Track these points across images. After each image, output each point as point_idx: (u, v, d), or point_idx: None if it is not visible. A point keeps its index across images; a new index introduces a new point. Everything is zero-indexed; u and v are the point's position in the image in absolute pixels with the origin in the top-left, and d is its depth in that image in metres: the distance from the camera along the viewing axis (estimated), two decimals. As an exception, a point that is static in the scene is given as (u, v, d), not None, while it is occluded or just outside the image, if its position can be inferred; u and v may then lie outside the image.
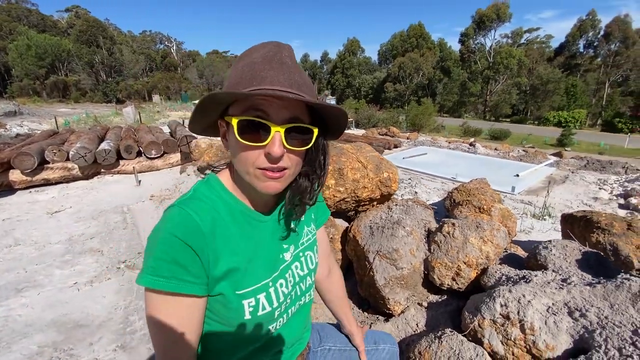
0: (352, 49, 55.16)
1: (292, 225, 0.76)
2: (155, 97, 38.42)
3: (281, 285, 0.71)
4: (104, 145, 5.89)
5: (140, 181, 5.66)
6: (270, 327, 0.70)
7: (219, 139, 0.67)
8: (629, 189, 6.92)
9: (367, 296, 2.04)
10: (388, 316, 1.91)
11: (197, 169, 5.13)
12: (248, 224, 0.68)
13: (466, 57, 43.14)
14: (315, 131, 0.61)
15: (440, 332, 1.54)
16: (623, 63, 36.07)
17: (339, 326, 1.06)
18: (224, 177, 0.69)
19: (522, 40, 44.41)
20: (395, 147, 11.07)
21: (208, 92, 0.57)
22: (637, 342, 1.09)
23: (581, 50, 41.49)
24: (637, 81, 35.22)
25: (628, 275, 1.23)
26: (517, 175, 7.62)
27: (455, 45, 46.51)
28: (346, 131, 16.67)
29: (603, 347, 1.13)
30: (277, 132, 0.56)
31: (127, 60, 46.64)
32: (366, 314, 2.08)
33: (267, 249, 0.70)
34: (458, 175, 6.82)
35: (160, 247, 0.56)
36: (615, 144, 19.82)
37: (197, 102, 0.59)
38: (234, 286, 0.63)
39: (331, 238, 2.22)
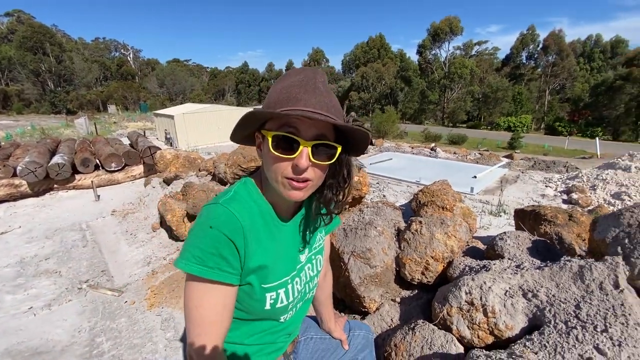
0: (316, 59, 56.18)
1: (309, 232, 0.87)
2: (111, 108, 36.33)
3: (297, 283, 0.83)
4: (56, 159, 5.49)
5: (99, 196, 5.34)
6: (282, 318, 0.82)
7: (183, 150, 0.75)
8: (570, 185, 7.68)
9: (343, 297, 2.11)
10: (364, 314, 1.99)
11: (163, 181, 4.95)
12: (274, 227, 0.77)
13: (424, 67, 45.59)
14: (339, 148, 0.69)
15: (413, 323, 1.64)
16: (559, 73, 40.08)
17: (318, 322, 1.14)
18: (257, 182, 0.77)
19: (473, 52, 47.88)
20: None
21: (251, 109, 0.66)
22: (579, 315, 1.25)
23: (524, 61, 45.53)
24: (571, 89, 39.24)
25: (569, 258, 1.41)
26: (475, 177, 8.15)
27: (413, 56, 49.03)
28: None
29: (552, 322, 1.29)
30: (305, 148, 0.64)
31: (78, 68, 43.59)
32: (342, 314, 2.15)
33: (288, 250, 0.81)
34: (422, 179, 7.17)
35: (208, 241, 0.64)
36: (557, 145, 21.85)
37: (241, 116, 0.67)
38: (261, 280, 0.73)
39: (306, 242, 2.27)
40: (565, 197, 7.24)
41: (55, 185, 5.67)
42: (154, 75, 49.94)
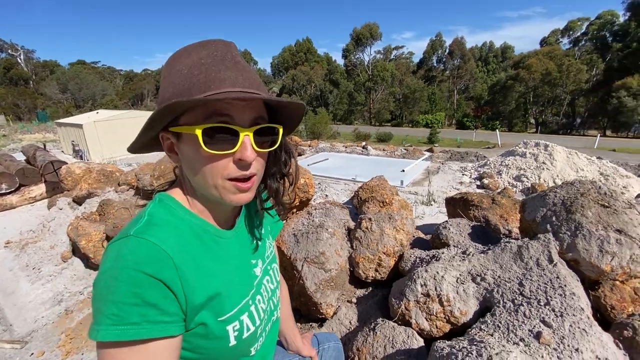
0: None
1: (256, 239, 0.73)
2: (0, 118, 30.17)
3: (259, 301, 0.68)
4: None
5: (-17, 226, 4.31)
6: (252, 349, 0.66)
7: (97, 163, 0.56)
8: (481, 172, 8.76)
9: (298, 306, 1.99)
10: (321, 321, 1.91)
11: (73, 200, 4.21)
12: (215, 243, 0.61)
13: (350, 70, 47.83)
14: (280, 129, 0.58)
15: (372, 323, 1.61)
16: (464, 75, 45.75)
17: (281, 345, 1.01)
18: (178, 195, 0.60)
19: (392, 56, 51.78)
20: (300, 155, 11.39)
21: (162, 104, 0.48)
22: (523, 292, 1.35)
23: (435, 64, 50.86)
24: (474, 89, 45.12)
25: (508, 240, 1.52)
26: (403, 171, 8.76)
27: (339, 60, 51.02)
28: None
29: (501, 302, 1.36)
30: (247, 136, 0.52)
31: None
32: (299, 324, 2.04)
33: (238, 266, 0.65)
34: (357, 176, 7.43)
35: (124, 289, 0.46)
36: (466, 138, 24.82)
37: (152, 114, 0.50)
38: (215, 313, 0.56)
39: (253, 253, 2.10)
40: (478, 182, 8.26)
41: None
42: (53, 80, 42.71)
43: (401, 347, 1.46)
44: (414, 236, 2.20)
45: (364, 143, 16.67)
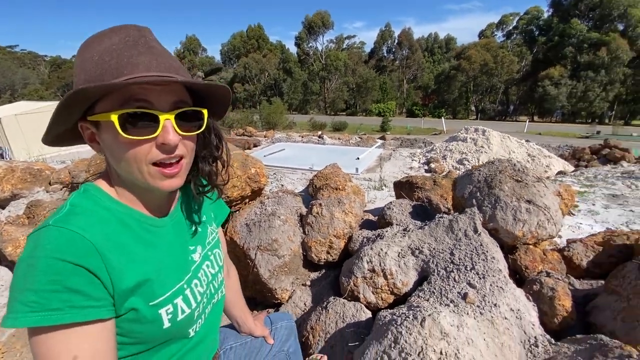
0: (191, 48, 51.53)
1: (195, 224, 0.74)
2: None
3: (196, 285, 0.68)
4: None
5: None
6: (190, 331, 0.68)
7: (21, 161, 0.54)
8: (428, 157, 9.37)
9: (253, 294, 2.02)
10: (277, 306, 1.96)
11: (-6, 204, 3.74)
12: (146, 232, 0.61)
13: (303, 59, 47.45)
14: (205, 112, 0.59)
15: (325, 302, 1.70)
16: (412, 65, 47.81)
17: (234, 328, 1.04)
18: (104, 185, 0.59)
19: (344, 45, 52.28)
20: (255, 146, 11.18)
21: (70, 91, 0.46)
22: (454, 260, 1.52)
23: (385, 54, 52.40)
24: (421, 78, 47.44)
25: (442, 215, 1.68)
26: (358, 158, 9.06)
27: (292, 48, 50.27)
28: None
29: (436, 271, 1.52)
30: (168, 120, 0.53)
31: None
32: (255, 312, 2.07)
33: (173, 253, 0.66)
34: (314, 165, 7.53)
35: (44, 277, 0.46)
36: (415, 125, 26.19)
37: (59, 103, 0.48)
38: (146, 298, 0.57)
39: (205, 246, 2.07)
40: (426, 167, 8.83)
41: None
42: (-43, 66, 36.67)
43: (351, 321, 1.57)
44: (362, 218, 2.32)
45: (319, 132, 16.82)
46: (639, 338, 1.09)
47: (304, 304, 1.90)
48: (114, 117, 0.49)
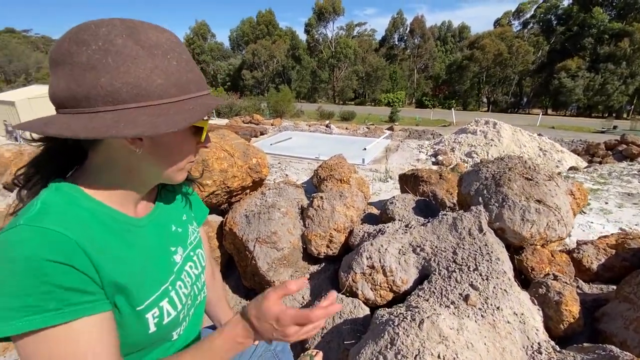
0: (201, 33, 51.04)
1: (176, 225, 0.72)
2: None
3: (180, 287, 0.66)
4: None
5: None
6: (174, 333, 0.66)
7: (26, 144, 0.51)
8: (436, 149, 9.20)
9: (252, 285, 2.01)
10: (276, 298, 1.94)
11: (4, 187, 3.79)
12: (127, 232, 0.58)
13: (313, 46, 46.68)
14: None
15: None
16: (423, 54, 46.69)
17: (216, 329, 1.00)
18: (81, 184, 0.55)
19: (355, 33, 51.22)
20: (262, 134, 11.13)
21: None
22: (456, 260, 1.46)
23: (396, 43, 51.24)
24: (433, 68, 46.40)
25: (446, 212, 1.62)
26: (365, 149, 8.95)
27: (302, 35, 49.43)
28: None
29: (437, 270, 1.47)
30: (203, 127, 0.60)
31: None
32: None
33: (155, 254, 0.63)
34: (320, 155, 7.46)
35: (28, 281, 0.43)
36: (424, 116, 25.73)
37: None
38: (133, 302, 0.55)
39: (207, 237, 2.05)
40: (433, 159, 8.68)
41: None
42: (-30, 50, 37.01)
43: (348, 317, 1.54)
44: (365, 212, 2.27)
45: (327, 122, 16.64)
46: (651, 349, 1.03)
47: (302, 297, 1.88)
48: (205, 125, 0.60)
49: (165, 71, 0.49)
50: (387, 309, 1.33)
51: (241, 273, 2.06)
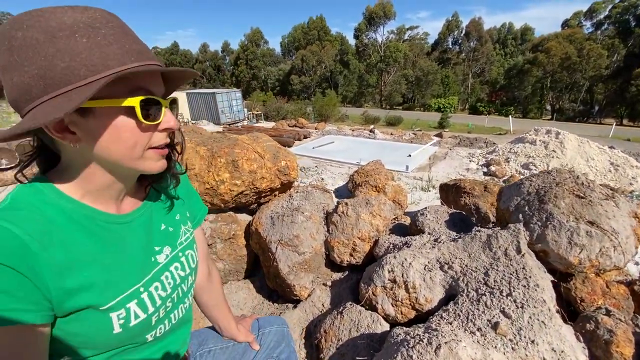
0: (255, 40, 53.67)
1: (164, 225, 0.70)
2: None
3: (157, 288, 0.64)
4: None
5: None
6: (148, 337, 0.64)
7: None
8: (489, 159, 8.56)
9: (275, 287, 2.02)
10: (296, 302, 1.93)
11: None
12: (103, 230, 0.58)
13: (361, 50, 46.51)
14: (178, 100, 0.61)
15: (341, 307, 1.62)
16: (480, 57, 44.08)
17: (218, 331, 1.00)
18: (56, 181, 0.56)
19: (406, 37, 50.03)
20: (305, 137, 11.31)
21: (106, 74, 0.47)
22: (487, 282, 1.32)
23: (450, 46, 49.03)
24: (490, 73, 43.56)
25: (479, 227, 1.48)
26: (409, 156, 8.63)
27: (351, 40, 49.52)
28: (256, 124, 16.34)
29: (465, 291, 1.34)
30: (166, 107, 0.56)
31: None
32: (276, 304, 2.07)
33: (132, 253, 0.62)
34: (362, 160, 7.34)
35: None
36: (478, 123, 24.18)
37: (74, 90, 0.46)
38: (95, 301, 0.54)
39: (233, 235, 2.11)
40: (485, 169, 8.08)
41: None
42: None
43: (365, 331, 1.47)
44: (396, 221, 2.17)
45: (371, 126, 16.42)
46: None
47: (322, 304, 1.84)
48: (136, 103, 0.50)
49: (70, 52, 0.44)
50: (403, 328, 1.24)
51: (265, 274, 2.08)
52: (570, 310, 1.54)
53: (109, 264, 0.57)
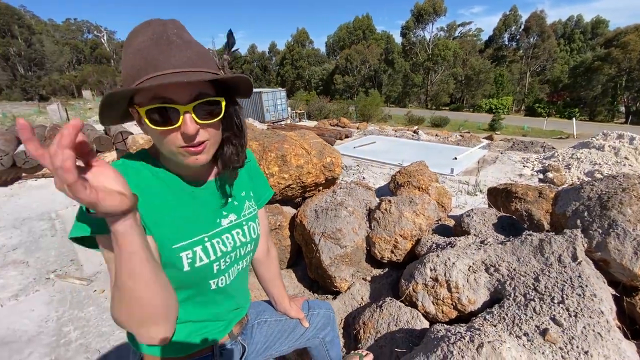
0: (300, 40, 54.73)
1: (230, 197, 0.81)
2: (86, 93, 34.58)
3: (218, 242, 0.75)
4: (23, 147, 5.21)
5: (70, 184, 5.12)
6: (211, 282, 0.75)
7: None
8: (546, 164, 7.89)
9: (316, 277, 2.10)
10: (336, 294, 1.99)
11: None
12: (185, 193, 0.71)
13: (408, 49, 45.15)
14: (223, 102, 0.64)
15: (381, 301, 1.65)
16: (540, 55, 40.52)
17: (273, 305, 1.09)
18: (152, 152, 0.72)
19: (457, 34, 47.65)
20: (347, 137, 11.34)
21: (110, 90, 0.57)
22: (537, 288, 1.27)
23: (506, 43, 45.72)
24: (552, 71, 39.88)
25: (530, 232, 1.42)
26: (455, 158, 8.27)
27: (397, 38, 48.34)
28: (299, 122, 16.70)
29: (512, 295, 1.30)
30: (187, 112, 0.59)
31: (49, 51, 40.99)
32: (316, 295, 2.15)
33: (203, 210, 0.74)
34: (404, 161, 7.20)
35: None
36: (535, 126, 22.33)
37: (101, 100, 0.58)
38: (170, 240, 0.66)
39: (279, 225, 2.23)
40: (541, 176, 7.46)
41: (23, 174, 5.40)
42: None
43: (404, 326, 1.49)
44: (439, 222, 2.14)
45: (415, 127, 15.95)
46: None
47: (362, 298, 1.88)
48: (142, 112, 0.59)
49: (126, 66, 0.60)
50: (445, 324, 1.25)
51: (307, 264, 2.17)
52: (635, 328, 1.42)
53: (182, 214, 0.69)
